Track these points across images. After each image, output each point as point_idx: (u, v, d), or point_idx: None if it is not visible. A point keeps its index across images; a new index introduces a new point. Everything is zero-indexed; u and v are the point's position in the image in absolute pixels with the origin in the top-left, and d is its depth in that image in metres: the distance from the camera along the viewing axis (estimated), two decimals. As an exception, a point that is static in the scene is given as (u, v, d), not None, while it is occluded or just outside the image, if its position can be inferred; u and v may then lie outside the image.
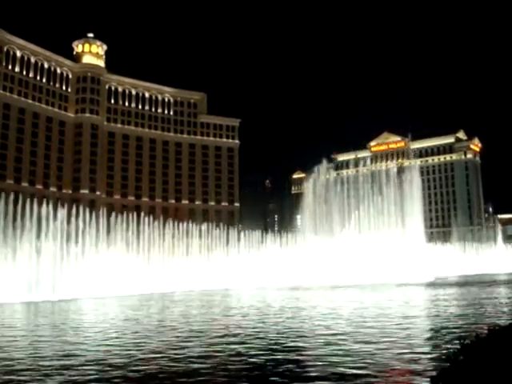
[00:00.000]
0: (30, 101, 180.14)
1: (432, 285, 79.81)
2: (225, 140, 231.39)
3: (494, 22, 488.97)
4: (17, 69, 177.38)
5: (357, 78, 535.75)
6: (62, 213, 78.11)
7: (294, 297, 60.83)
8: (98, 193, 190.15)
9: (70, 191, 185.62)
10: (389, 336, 25.56)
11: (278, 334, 27.26)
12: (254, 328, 29.95)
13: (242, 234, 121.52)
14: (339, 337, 25.28)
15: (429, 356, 19.99)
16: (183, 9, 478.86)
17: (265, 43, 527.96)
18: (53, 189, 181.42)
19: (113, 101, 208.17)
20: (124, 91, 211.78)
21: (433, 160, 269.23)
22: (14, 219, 73.34)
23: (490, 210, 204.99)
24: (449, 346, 20.57)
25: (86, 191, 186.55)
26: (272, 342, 24.40)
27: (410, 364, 18.79)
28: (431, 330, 29.06)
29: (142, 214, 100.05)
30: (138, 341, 25.82)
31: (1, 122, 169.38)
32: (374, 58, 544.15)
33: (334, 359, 19.49)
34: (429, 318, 34.95)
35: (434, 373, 12.59)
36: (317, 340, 24.96)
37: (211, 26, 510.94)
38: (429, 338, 25.44)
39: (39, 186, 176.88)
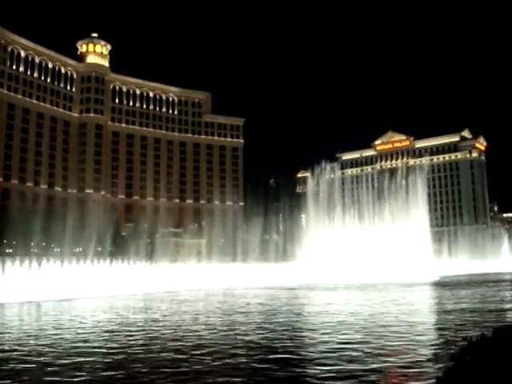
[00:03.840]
0: (34, 101, 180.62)
1: (437, 284, 79.41)
2: (229, 139, 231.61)
3: (498, 21, 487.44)
4: (21, 69, 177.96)
5: (361, 76, 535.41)
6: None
7: (308, 297, 60.45)
8: (102, 192, 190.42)
9: (75, 191, 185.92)
10: (393, 334, 25.31)
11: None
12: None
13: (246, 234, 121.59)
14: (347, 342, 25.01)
15: (434, 355, 19.75)
16: (187, 9, 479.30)
17: (269, 43, 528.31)
18: (58, 188, 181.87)
19: (117, 100, 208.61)
20: (128, 91, 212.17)
21: (438, 159, 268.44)
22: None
23: (495, 208, 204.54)
24: (454, 346, 20.30)
25: (91, 191, 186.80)
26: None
27: (415, 363, 18.56)
28: (436, 329, 28.80)
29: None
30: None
31: (5, 122, 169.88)
32: (379, 56, 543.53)
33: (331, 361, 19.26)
34: (434, 318, 34.70)
35: (439, 373, 12.34)
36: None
37: (215, 25, 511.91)
38: (434, 337, 25.18)
39: (44, 186, 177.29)
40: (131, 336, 25.99)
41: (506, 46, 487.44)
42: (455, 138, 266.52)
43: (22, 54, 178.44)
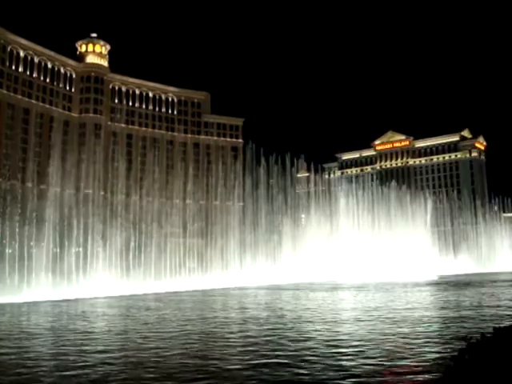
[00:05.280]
0: (33, 101, 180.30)
1: (434, 284, 79.33)
2: (229, 139, 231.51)
3: (498, 21, 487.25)
4: (20, 69, 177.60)
5: (361, 76, 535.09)
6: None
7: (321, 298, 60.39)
8: (101, 193, 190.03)
9: (74, 191, 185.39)
10: (395, 333, 25.24)
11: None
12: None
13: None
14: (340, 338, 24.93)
15: (434, 355, 19.67)
16: (186, 9, 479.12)
17: (268, 42, 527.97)
18: (56, 189, 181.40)
19: (116, 100, 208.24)
20: (128, 91, 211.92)
21: (438, 159, 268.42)
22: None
23: (495, 208, 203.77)
24: (454, 345, 20.24)
25: (90, 191, 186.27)
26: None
27: (415, 363, 18.48)
28: (436, 328, 28.70)
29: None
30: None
31: (5, 123, 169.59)
32: (378, 56, 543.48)
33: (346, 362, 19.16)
34: (435, 317, 34.61)
35: (439, 372, 12.26)
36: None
37: (214, 25, 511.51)
38: (434, 337, 25.08)
39: (43, 187, 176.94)
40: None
41: (506, 46, 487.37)
42: (455, 138, 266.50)
43: (22, 54, 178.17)
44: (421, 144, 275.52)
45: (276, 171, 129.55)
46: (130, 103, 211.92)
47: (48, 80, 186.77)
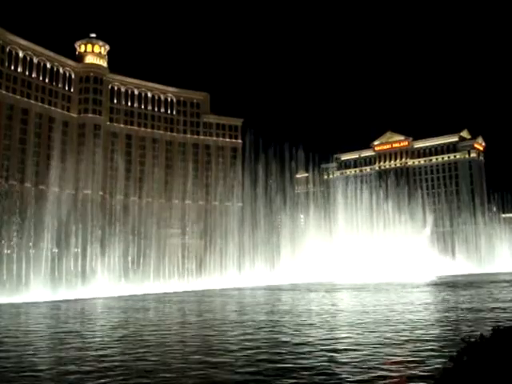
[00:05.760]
0: (32, 101, 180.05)
1: (432, 285, 79.32)
2: (228, 140, 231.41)
3: (498, 21, 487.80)
4: (19, 69, 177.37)
5: (360, 77, 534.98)
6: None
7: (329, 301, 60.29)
8: (100, 193, 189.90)
9: (73, 192, 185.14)
10: (393, 335, 25.23)
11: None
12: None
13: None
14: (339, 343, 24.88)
15: (432, 356, 19.67)
16: (185, 9, 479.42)
17: (267, 43, 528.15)
18: (55, 189, 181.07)
19: (115, 101, 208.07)
20: (127, 91, 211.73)
21: (436, 159, 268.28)
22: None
23: (494, 209, 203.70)
24: (452, 346, 20.24)
25: (89, 192, 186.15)
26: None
27: (414, 364, 18.49)
28: (435, 329, 28.70)
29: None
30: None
31: (4, 123, 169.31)
32: (378, 56, 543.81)
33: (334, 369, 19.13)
34: (433, 318, 34.60)
35: (437, 373, 12.26)
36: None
37: (213, 26, 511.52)
38: (432, 338, 25.08)
39: (42, 187, 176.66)
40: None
41: (505, 46, 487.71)
42: (454, 139, 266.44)
43: (21, 54, 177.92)
44: (420, 144, 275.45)
45: (275, 165, 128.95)
46: (129, 103, 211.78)
47: (47, 80, 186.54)
